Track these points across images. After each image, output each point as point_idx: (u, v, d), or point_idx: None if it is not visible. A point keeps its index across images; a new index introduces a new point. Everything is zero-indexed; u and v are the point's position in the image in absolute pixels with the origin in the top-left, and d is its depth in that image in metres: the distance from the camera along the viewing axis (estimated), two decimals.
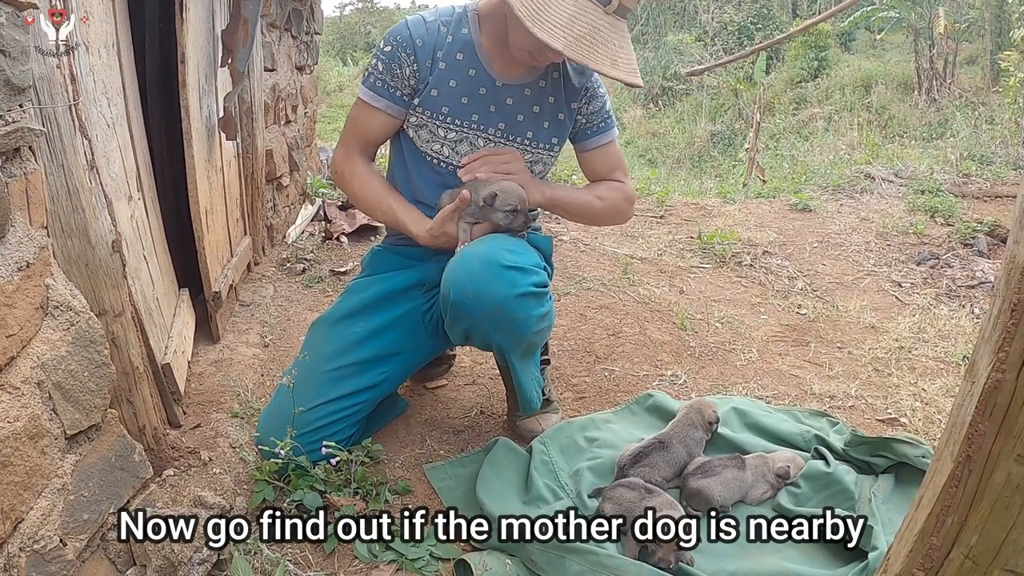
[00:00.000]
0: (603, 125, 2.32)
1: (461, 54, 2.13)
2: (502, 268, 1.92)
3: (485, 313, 1.94)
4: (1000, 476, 1.02)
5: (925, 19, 12.07)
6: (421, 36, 2.11)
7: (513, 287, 1.92)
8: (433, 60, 2.12)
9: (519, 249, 2.03)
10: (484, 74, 2.15)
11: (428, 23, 2.14)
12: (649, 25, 20.25)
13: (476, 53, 2.14)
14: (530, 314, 1.99)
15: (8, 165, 1.39)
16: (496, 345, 2.09)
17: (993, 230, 4.81)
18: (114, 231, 1.93)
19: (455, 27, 2.14)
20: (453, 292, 1.95)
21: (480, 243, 2.02)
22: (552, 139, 2.26)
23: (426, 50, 2.11)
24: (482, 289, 1.92)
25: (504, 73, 2.16)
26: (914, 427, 2.55)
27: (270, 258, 4.11)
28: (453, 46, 2.13)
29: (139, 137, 2.47)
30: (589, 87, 2.26)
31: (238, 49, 3.17)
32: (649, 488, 1.95)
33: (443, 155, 2.20)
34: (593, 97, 2.27)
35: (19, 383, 1.33)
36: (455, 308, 1.97)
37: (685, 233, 4.83)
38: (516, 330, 2.00)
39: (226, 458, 2.25)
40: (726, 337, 3.27)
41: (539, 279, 2.00)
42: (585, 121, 2.30)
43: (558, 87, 2.22)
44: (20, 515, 1.33)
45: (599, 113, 2.30)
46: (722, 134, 14.41)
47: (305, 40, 5.23)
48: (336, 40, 23.12)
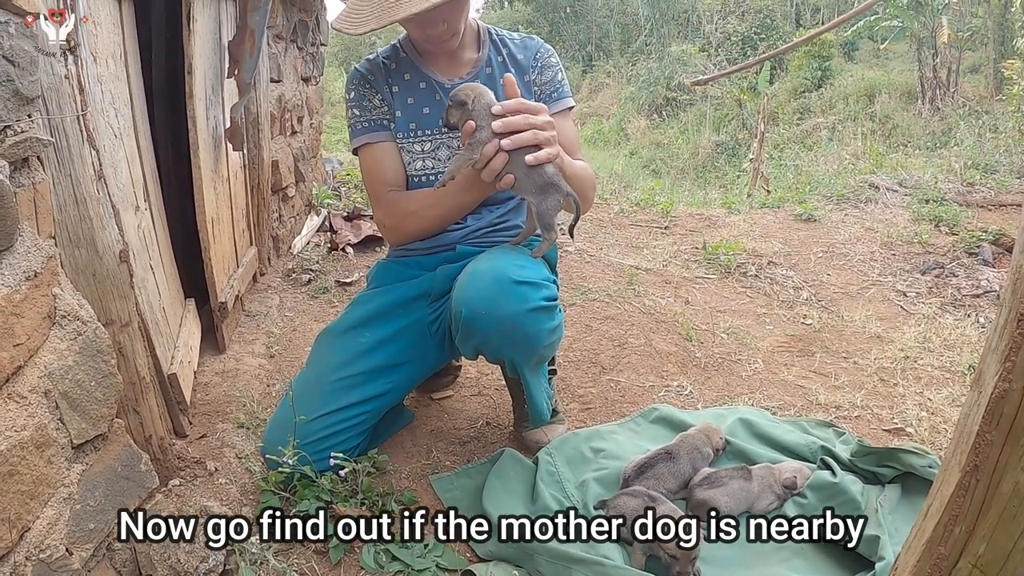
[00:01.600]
0: (555, 94, 2.33)
1: (407, 74, 2.28)
2: (512, 284, 1.93)
3: (497, 330, 1.95)
4: (1008, 485, 1.02)
5: (928, 28, 12.10)
6: (371, 71, 2.28)
7: (524, 302, 1.93)
8: (388, 87, 2.27)
9: (528, 264, 2.04)
10: (433, 82, 2.27)
11: (372, 61, 2.31)
12: (653, 36, 20.34)
13: (419, 67, 2.28)
14: (542, 328, 1.99)
15: (16, 175, 1.40)
16: (508, 360, 2.10)
17: (998, 239, 4.80)
18: (121, 241, 1.94)
19: (394, 55, 2.31)
20: (465, 310, 1.96)
21: (490, 259, 2.03)
22: None
23: (379, 81, 2.27)
24: (493, 306, 1.93)
25: (449, 74, 2.28)
26: (920, 437, 2.54)
27: (276, 269, 4.12)
28: (398, 71, 2.28)
29: (146, 147, 2.48)
30: (539, 57, 2.33)
31: (244, 60, 3.19)
32: (653, 496, 1.95)
33: (427, 168, 2.28)
34: (545, 67, 2.33)
35: (26, 392, 1.33)
36: (467, 326, 1.98)
37: (690, 244, 4.83)
38: (528, 344, 2.01)
39: (232, 468, 2.25)
40: (731, 348, 3.27)
41: (549, 293, 2.02)
42: (539, 92, 2.33)
43: (506, 68, 2.29)
44: (26, 524, 1.33)
45: (551, 83, 2.33)
46: (726, 144, 14.45)
47: (311, 51, 5.26)
48: (341, 51, 23.22)
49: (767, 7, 18.32)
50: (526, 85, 2.30)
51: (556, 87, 2.33)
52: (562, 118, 2.31)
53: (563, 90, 2.35)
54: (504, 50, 2.32)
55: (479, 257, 2.07)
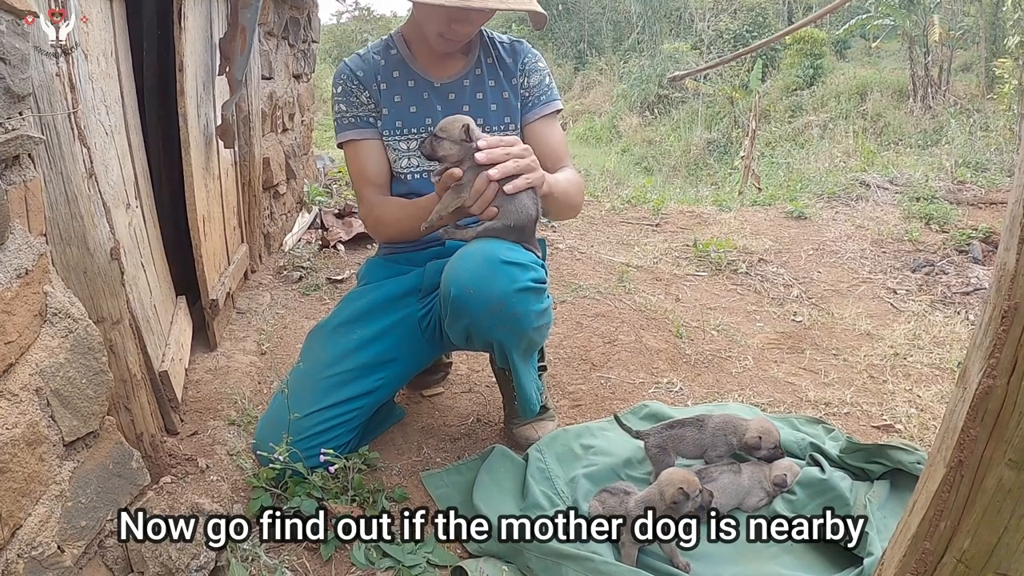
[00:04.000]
0: (543, 97, 2.38)
1: (396, 71, 2.30)
2: (501, 264, 1.95)
3: (486, 309, 1.96)
4: (992, 481, 1.03)
5: (920, 27, 12.14)
6: (360, 68, 2.30)
7: (513, 282, 1.95)
8: (377, 84, 2.29)
9: (517, 248, 2.05)
10: (421, 80, 2.30)
11: (363, 56, 2.33)
12: (645, 33, 20.33)
13: (409, 65, 2.31)
14: (530, 309, 2.01)
15: (7, 172, 1.40)
16: (497, 342, 2.10)
17: (988, 237, 4.82)
18: (112, 238, 1.94)
19: (384, 52, 2.33)
20: (454, 289, 1.97)
21: (479, 242, 2.04)
22: (505, 119, 2.35)
23: (368, 78, 2.28)
24: (482, 285, 1.94)
25: (439, 74, 2.31)
26: (909, 433, 2.56)
27: (267, 266, 4.12)
28: (388, 68, 2.30)
29: (137, 145, 2.48)
30: (526, 63, 2.37)
31: (235, 57, 3.18)
32: (628, 491, 1.96)
33: (412, 166, 2.32)
34: (532, 71, 2.37)
35: (17, 390, 1.34)
36: (456, 305, 1.99)
37: (681, 241, 4.85)
38: (517, 325, 2.02)
39: (223, 465, 2.25)
40: (722, 345, 3.28)
41: (538, 275, 2.03)
42: (527, 95, 2.37)
43: (494, 70, 2.34)
44: (18, 521, 1.33)
45: (539, 86, 2.38)
46: (718, 142, 14.46)
47: (302, 48, 5.25)
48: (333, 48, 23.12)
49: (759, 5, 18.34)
50: (512, 88, 2.34)
51: (544, 91, 2.38)
52: (550, 121, 2.39)
53: (551, 93, 2.39)
54: (494, 52, 2.35)
55: (469, 243, 2.08)
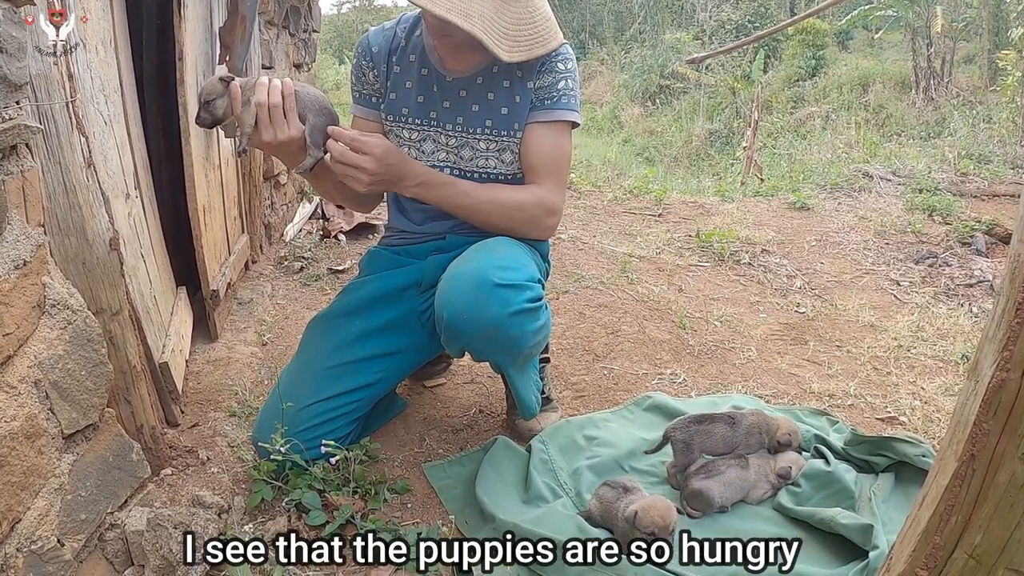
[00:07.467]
0: (547, 102, 2.12)
1: (413, 55, 2.19)
2: (494, 287, 1.89)
3: (480, 335, 1.93)
4: (1004, 475, 1.01)
5: (923, 18, 12.08)
6: (378, 43, 2.20)
7: (507, 306, 1.90)
8: (388, 65, 2.19)
9: (511, 264, 1.99)
10: (435, 72, 2.17)
11: (386, 30, 2.22)
12: (647, 23, 20.28)
13: (427, 53, 2.17)
14: (525, 330, 1.97)
15: (5, 162, 1.38)
16: (493, 362, 2.11)
17: (991, 229, 4.81)
18: (111, 229, 1.92)
19: (410, 31, 2.21)
20: (447, 313, 1.94)
21: (473, 259, 1.99)
22: (513, 124, 2.15)
23: (381, 56, 2.19)
24: (475, 311, 1.90)
25: (454, 66, 2.15)
26: (913, 426, 2.55)
27: (268, 256, 4.10)
28: (407, 50, 2.19)
29: (136, 135, 2.46)
30: (546, 62, 2.10)
31: (236, 46, 3.16)
32: (627, 487, 1.95)
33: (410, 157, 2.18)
34: (549, 71, 2.11)
35: (16, 382, 1.32)
36: (450, 329, 1.96)
37: (683, 231, 4.83)
38: (512, 347, 1.99)
39: (224, 457, 2.24)
40: (725, 335, 3.27)
41: (533, 294, 1.98)
42: (534, 96, 2.13)
43: (513, 69, 2.12)
44: (17, 515, 1.32)
45: (547, 89, 2.11)
46: (720, 132, 14.43)
47: (303, 38, 5.22)
48: (334, 38, 23.09)
49: None
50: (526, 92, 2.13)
51: (551, 94, 2.12)
52: (547, 129, 2.14)
53: (560, 101, 2.12)
54: None
55: (463, 255, 2.04)
